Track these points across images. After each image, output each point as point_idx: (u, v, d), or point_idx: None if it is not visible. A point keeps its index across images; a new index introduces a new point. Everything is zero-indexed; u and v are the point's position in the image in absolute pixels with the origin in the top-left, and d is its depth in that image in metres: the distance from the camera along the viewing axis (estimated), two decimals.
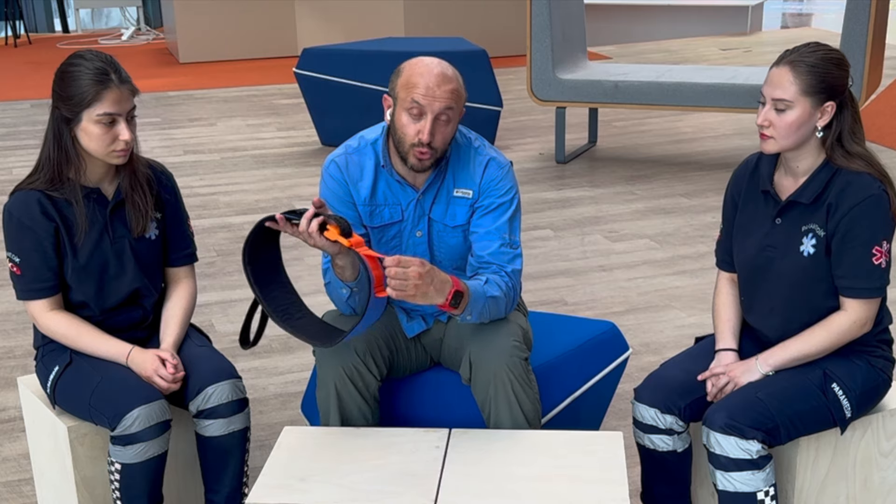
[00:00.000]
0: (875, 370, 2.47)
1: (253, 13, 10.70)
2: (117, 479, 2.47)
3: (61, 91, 2.45)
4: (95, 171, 2.54)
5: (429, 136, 2.43)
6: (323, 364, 2.53)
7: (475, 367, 2.49)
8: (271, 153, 7.01)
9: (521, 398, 2.47)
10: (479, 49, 6.76)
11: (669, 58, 10.38)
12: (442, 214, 2.60)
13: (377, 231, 2.62)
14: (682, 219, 5.50)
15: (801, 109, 2.35)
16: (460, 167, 2.59)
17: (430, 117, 2.43)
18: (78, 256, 2.54)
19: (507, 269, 2.54)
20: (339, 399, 2.51)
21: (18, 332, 4.20)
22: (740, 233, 2.55)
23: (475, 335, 2.51)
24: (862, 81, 5.94)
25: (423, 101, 2.42)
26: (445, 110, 2.44)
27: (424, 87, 2.43)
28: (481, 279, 2.50)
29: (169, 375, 2.50)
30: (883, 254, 2.38)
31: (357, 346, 2.49)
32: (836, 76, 2.35)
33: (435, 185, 2.59)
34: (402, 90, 2.46)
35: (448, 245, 2.62)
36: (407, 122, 2.45)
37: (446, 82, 2.45)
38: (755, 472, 2.33)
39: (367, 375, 2.51)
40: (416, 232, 2.61)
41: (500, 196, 2.58)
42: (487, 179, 2.58)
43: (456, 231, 2.61)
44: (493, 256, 2.54)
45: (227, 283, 4.72)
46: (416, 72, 2.46)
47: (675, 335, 4.08)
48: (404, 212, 2.60)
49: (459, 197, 2.59)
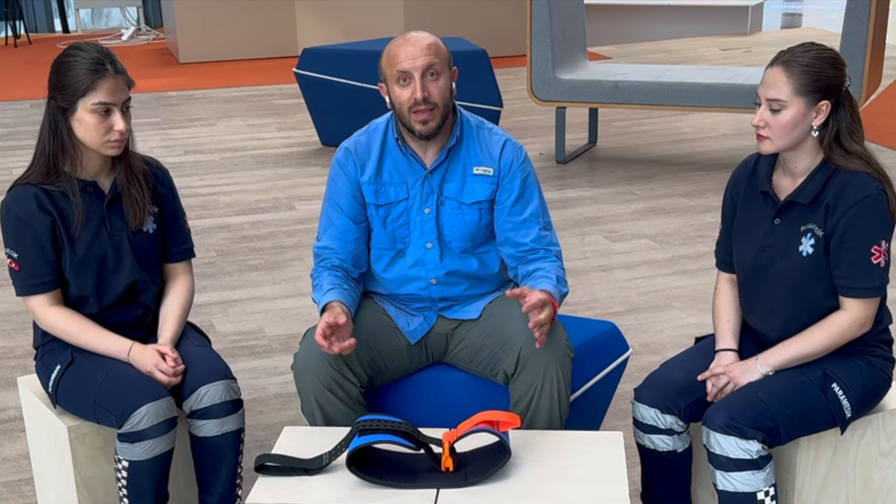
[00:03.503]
0: (875, 370, 2.47)
1: (253, 13, 10.70)
2: (124, 477, 2.47)
3: (57, 81, 2.47)
4: (91, 163, 2.55)
5: (421, 92, 2.52)
6: (300, 380, 2.54)
7: (526, 362, 2.50)
8: (271, 153, 7.01)
9: (563, 398, 2.52)
10: (479, 49, 6.76)
11: (669, 58, 10.38)
12: (457, 192, 2.65)
13: (383, 209, 2.66)
14: (682, 219, 5.50)
15: (796, 109, 2.35)
16: (476, 145, 2.67)
17: (417, 77, 2.54)
18: (76, 250, 2.54)
19: (554, 251, 2.67)
20: (321, 409, 2.52)
21: (18, 332, 4.20)
22: (739, 233, 2.55)
23: (524, 331, 2.49)
24: (862, 81, 5.94)
25: (406, 66, 2.54)
26: (430, 66, 2.54)
27: (404, 55, 2.55)
28: (550, 277, 2.57)
29: (170, 369, 2.51)
30: (882, 253, 2.38)
31: (330, 358, 2.49)
32: (830, 75, 2.35)
33: (445, 163, 2.64)
34: (387, 67, 2.59)
35: (462, 223, 2.66)
36: (400, 91, 2.56)
37: (421, 41, 2.57)
38: (755, 472, 2.33)
39: (345, 384, 2.52)
40: (424, 209, 2.66)
41: (523, 180, 2.67)
42: (507, 159, 2.67)
43: (472, 209, 2.66)
44: (535, 242, 2.65)
45: (227, 283, 4.72)
46: (393, 46, 2.59)
47: (675, 335, 4.08)
48: (410, 189, 2.65)
49: (480, 175, 2.66)
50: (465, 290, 2.71)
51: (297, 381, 2.55)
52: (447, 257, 2.68)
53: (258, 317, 4.32)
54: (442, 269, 2.68)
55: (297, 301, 4.46)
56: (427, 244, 2.67)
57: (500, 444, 2.26)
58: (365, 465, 2.24)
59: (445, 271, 2.68)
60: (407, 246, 2.68)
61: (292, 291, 4.58)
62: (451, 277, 2.69)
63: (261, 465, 2.28)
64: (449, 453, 2.24)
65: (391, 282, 2.71)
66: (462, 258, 2.69)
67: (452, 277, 2.69)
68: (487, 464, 2.24)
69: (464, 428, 2.25)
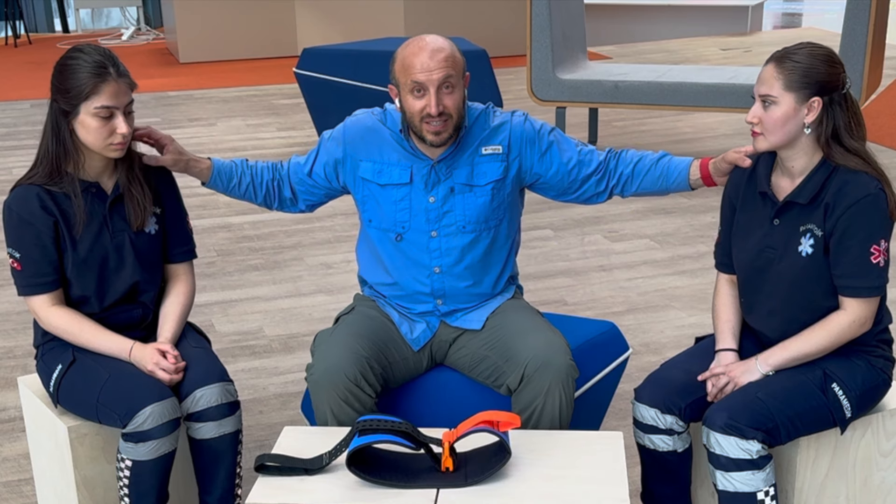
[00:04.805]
0: (875, 370, 2.47)
1: (253, 13, 10.69)
2: (127, 476, 2.47)
3: (60, 84, 2.47)
4: (94, 165, 2.55)
5: (436, 107, 2.50)
6: (316, 392, 2.53)
7: (529, 381, 2.50)
8: (271, 153, 7.01)
9: (564, 416, 2.51)
10: (479, 49, 6.75)
11: (669, 58, 10.37)
12: (468, 176, 2.65)
13: (383, 189, 2.66)
14: (682, 219, 5.50)
15: (787, 105, 2.36)
16: (481, 129, 2.66)
17: (432, 91, 2.51)
18: (77, 250, 2.54)
19: (607, 155, 2.77)
20: (337, 420, 2.52)
21: (18, 332, 4.20)
22: (739, 235, 2.55)
23: (529, 348, 2.52)
24: (862, 81, 5.94)
25: (421, 78, 2.50)
26: (446, 79, 2.52)
27: (420, 66, 2.51)
28: (657, 155, 2.76)
29: (171, 367, 2.51)
30: (881, 252, 2.38)
31: (347, 370, 2.49)
32: (822, 72, 2.35)
33: (450, 151, 2.63)
34: (401, 75, 2.55)
35: (475, 206, 2.66)
36: (413, 101, 2.54)
37: (439, 52, 2.52)
38: (755, 472, 2.33)
39: (361, 396, 2.51)
40: (429, 198, 2.65)
41: (549, 135, 2.72)
42: (518, 131, 2.68)
43: (485, 190, 2.66)
44: (601, 155, 2.77)
45: (227, 283, 4.72)
46: (409, 53, 2.54)
47: (675, 335, 4.08)
48: (414, 175, 2.64)
49: (489, 154, 2.66)
50: (468, 286, 2.70)
51: (312, 393, 2.54)
52: (452, 246, 2.67)
53: (258, 317, 4.32)
54: (447, 257, 2.67)
55: (297, 301, 4.46)
56: (432, 232, 2.66)
57: (500, 444, 2.26)
58: (365, 465, 2.24)
59: (451, 260, 2.67)
60: (406, 231, 2.67)
61: (292, 291, 4.58)
62: (456, 268, 2.68)
63: (261, 465, 2.29)
64: (449, 453, 2.24)
65: (394, 266, 2.70)
66: (471, 245, 2.67)
67: (457, 268, 2.68)
68: (487, 464, 2.25)
69: (464, 428, 2.25)
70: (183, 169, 2.71)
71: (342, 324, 2.68)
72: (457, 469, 2.24)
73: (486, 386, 2.65)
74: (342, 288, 4.57)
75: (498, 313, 2.70)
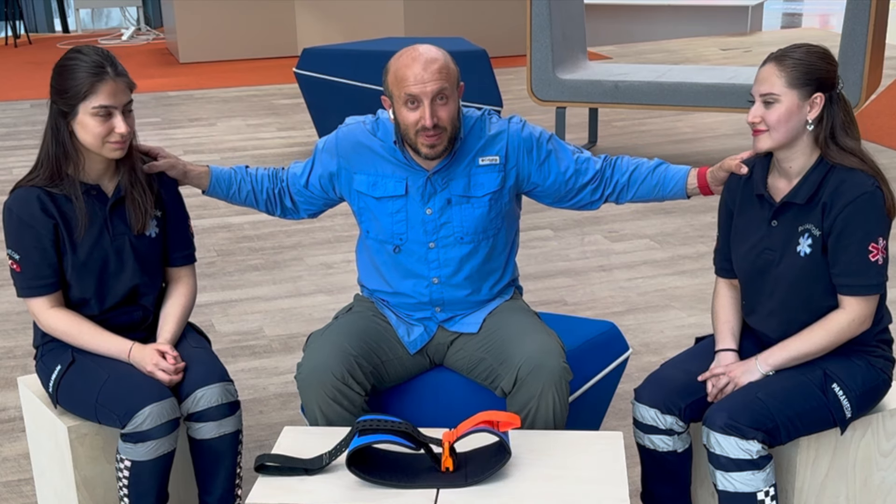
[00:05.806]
0: (875, 370, 2.47)
1: (253, 13, 10.69)
2: (126, 477, 2.47)
3: (58, 85, 2.47)
4: (94, 167, 2.55)
5: (430, 119, 2.48)
6: (304, 389, 2.53)
7: (522, 384, 2.49)
8: (271, 153, 7.01)
9: (558, 418, 2.51)
10: (479, 49, 6.75)
11: (669, 58, 10.37)
12: (465, 187, 2.64)
13: (379, 202, 2.65)
14: (682, 219, 5.50)
15: (790, 101, 2.36)
16: (477, 139, 2.65)
17: (426, 103, 2.49)
18: (78, 253, 2.54)
19: (603, 163, 2.74)
20: (326, 418, 2.52)
21: (18, 332, 4.20)
22: (738, 238, 2.55)
23: (523, 351, 2.51)
24: (862, 81, 5.94)
25: (415, 90, 2.48)
26: (440, 91, 2.49)
27: (413, 78, 2.48)
28: (653, 162, 2.74)
29: (170, 367, 2.51)
30: (879, 250, 2.38)
31: (334, 368, 2.49)
32: (822, 68, 2.37)
33: (445, 163, 2.62)
34: (395, 87, 2.53)
35: (473, 217, 2.65)
36: (407, 113, 2.52)
37: (432, 63, 2.49)
38: (755, 473, 2.33)
39: (350, 393, 2.51)
40: (426, 209, 2.64)
41: (548, 144, 2.70)
42: (515, 140, 2.67)
43: (482, 201, 2.65)
44: (597, 163, 2.73)
45: (227, 283, 4.72)
46: (402, 65, 2.52)
47: (675, 335, 4.08)
48: (410, 187, 2.63)
49: (486, 165, 2.64)
50: (467, 295, 2.70)
51: (301, 390, 2.54)
52: (451, 257, 2.67)
53: (258, 317, 4.32)
54: (445, 267, 2.67)
55: (297, 301, 4.46)
56: (430, 243, 2.66)
57: (500, 444, 2.26)
58: (365, 465, 2.24)
59: (449, 270, 2.67)
60: (404, 242, 2.67)
61: (292, 291, 4.58)
62: (455, 278, 2.68)
63: (261, 465, 2.29)
64: (449, 453, 2.24)
65: (393, 276, 2.70)
66: (469, 255, 2.67)
67: (455, 278, 2.68)
68: (487, 464, 2.25)
69: (464, 428, 2.25)
70: (181, 175, 2.72)
71: (334, 324, 2.68)
72: (457, 469, 2.24)
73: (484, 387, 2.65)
74: (342, 288, 4.57)
75: (495, 315, 2.70)
